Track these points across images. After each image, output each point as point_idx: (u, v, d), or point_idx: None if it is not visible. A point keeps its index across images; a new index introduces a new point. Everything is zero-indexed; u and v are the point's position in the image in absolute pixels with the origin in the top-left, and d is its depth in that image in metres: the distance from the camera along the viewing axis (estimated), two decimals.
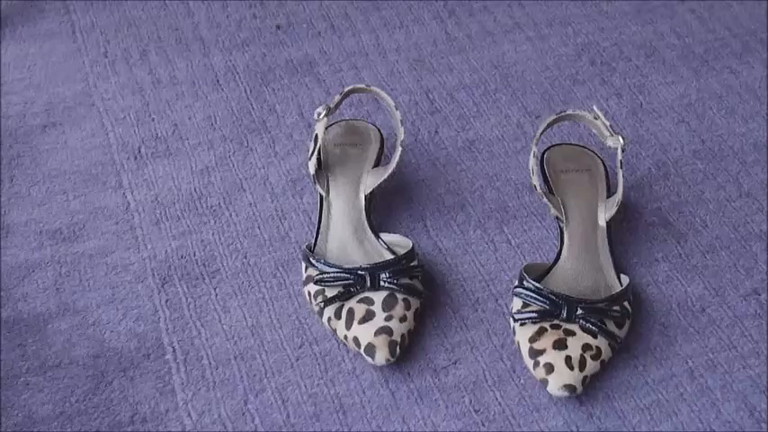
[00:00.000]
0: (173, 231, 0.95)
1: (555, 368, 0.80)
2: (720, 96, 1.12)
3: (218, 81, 1.13)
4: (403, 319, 0.84)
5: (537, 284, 0.85)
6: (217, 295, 0.90)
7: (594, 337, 0.83)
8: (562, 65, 1.16)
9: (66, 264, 0.92)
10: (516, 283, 0.87)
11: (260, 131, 1.06)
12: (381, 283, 0.86)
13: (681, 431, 0.80)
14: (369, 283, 0.86)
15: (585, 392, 0.82)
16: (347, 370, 0.84)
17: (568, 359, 0.81)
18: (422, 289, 0.87)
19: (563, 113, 0.95)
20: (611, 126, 0.94)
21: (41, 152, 1.03)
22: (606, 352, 0.83)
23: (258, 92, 1.11)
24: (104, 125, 1.07)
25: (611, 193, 0.95)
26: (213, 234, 0.95)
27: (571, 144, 1.00)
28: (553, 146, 0.99)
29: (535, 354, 0.82)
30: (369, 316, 0.84)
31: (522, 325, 0.84)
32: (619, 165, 0.92)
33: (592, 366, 0.81)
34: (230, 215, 0.97)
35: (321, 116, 0.94)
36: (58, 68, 1.14)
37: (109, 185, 1.00)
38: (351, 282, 0.86)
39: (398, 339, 0.83)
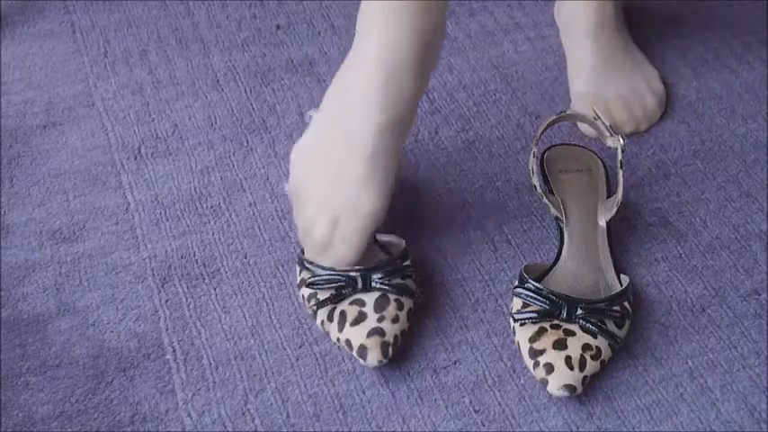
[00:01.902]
0: (173, 231, 0.95)
1: (555, 368, 0.80)
2: (720, 96, 1.12)
3: (218, 81, 1.13)
4: (395, 319, 0.84)
5: (537, 284, 0.85)
6: (217, 295, 0.90)
7: (594, 337, 0.83)
8: (562, 65, 1.15)
9: (66, 264, 0.92)
10: (516, 283, 0.87)
11: (260, 131, 1.06)
12: (373, 285, 0.85)
13: (681, 431, 0.80)
14: (360, 285, 0.85)
15: (585, 392, 0.82)
16: (347, 370, 0.84)
17: (568, 359, 0.81)
18: (415, 289, 0.87)
19: (563, 113, 0.95)
20: (610, 126, 0.94)
21: (41, 152, 1.03)
22: (606, 352, 0.83)
23: (258, 92, 1.11)
24: (104, 125, 1.07)
25: (611, 193, 0.95)
26: (213, 234, 0.95)
27: (571, 144, 1.00)
28: (553, 146, 0.99)
29: (535, 354, 0.82)
30: (361, 317, 0.83)
31: (522, 325, 0.84)
32: (619, 165, 0.92)
33: (592, 366, 0.81)
34: (230, 215, 0.97)
35: None
36: (57, 68, 1.14)
37: (109, 185, 1.00)
38: (342, 284, 0.85)
39: (391, 340, 0.82)
